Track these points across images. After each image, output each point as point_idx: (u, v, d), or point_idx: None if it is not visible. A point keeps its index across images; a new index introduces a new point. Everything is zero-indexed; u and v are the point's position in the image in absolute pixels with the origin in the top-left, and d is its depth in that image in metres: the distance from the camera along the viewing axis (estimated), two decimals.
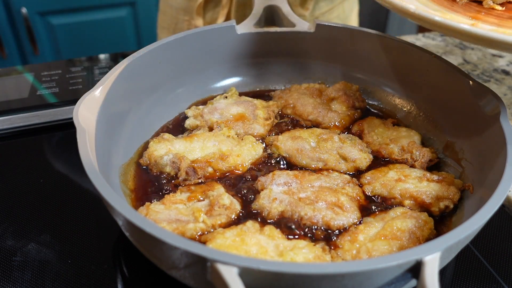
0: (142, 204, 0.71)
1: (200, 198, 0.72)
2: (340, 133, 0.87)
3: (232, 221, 0.69)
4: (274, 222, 0.69)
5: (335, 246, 0.65)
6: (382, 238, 0.65)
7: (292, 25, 0.98)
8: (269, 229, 0.65)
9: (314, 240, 0.66)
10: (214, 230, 0.66)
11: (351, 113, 0.93)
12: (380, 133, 0.87)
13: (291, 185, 0.74)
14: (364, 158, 0.81)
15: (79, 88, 1.07)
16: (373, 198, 0.75)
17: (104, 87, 0.75)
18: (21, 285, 0.68)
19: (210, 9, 1.40)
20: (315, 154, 0.81)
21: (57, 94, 1.05)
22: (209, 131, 0.86)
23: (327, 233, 0.68)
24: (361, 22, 1.67)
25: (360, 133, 0.89)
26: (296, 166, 0.81)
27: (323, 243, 0.66)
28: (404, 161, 0.81)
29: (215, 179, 0.77)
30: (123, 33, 2.54)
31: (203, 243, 0.63)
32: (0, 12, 2.25)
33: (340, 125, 0.91)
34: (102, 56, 1.22)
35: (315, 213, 0.69)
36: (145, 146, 0.84)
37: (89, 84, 1.08)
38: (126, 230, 0.61)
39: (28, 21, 2.29)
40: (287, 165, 0.82)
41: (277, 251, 0.61)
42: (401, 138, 0.85)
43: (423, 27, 0.74)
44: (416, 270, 0.50)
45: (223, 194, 0.72)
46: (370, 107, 0.98)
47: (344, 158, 0.81)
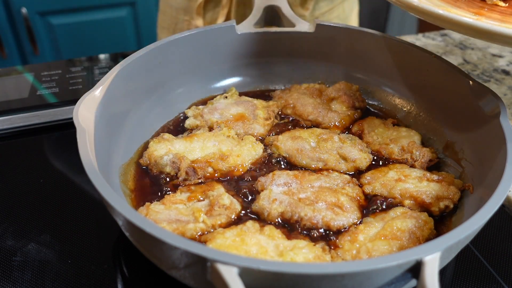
0: (142, 204, 0.71)
1: (200, 198, 0.72)
2: (340, 133, 0.87)
3: (232, 221, 0.69)
4: (274, 223, 0.69)
5: (335, 246, 0.65)
6: (382, 238, 0.65)
7: (292, 25, 0.98)
8: (269, 229, 0.65)
9: (314, 240, 0.66)
10: (214, 230, 0.66)
11: (351, 113, 0.93)
12: (380, 133, 0.87)
13: (291, 186, 0.74)
14: (364, 158, 0.81)
15: (79, 88, 1.07)
16: (373, 198, 0.75)
17: (104, 87, 0.75)
18: (21, 285, 0.68)
19: (210, 9, 1.40)
20: (315, 154, 0.81)
21: (57, 94, 1.05)
22: (209, 131, 0.86)
23: (327, 233, 0.68)
24: (361, 22, 1.67)
25: (360, 133, 0.89)
26: (296, 166, 0.81)
27: (323, 243, 0.66)
28: (404, 161, 0.82)
29: (215, 179, 0.77)
30: (123, 33, 2.54)
31: (203, 243, 0.63)
32: (0, 12, 2.25)
33: (340, 125, 0.91)
34: (102, 56, 1.22)
35: (315, 214, 0.69)
36: (145, 146, 0.84)
37: (89, 84, 1.08)
38: (126, 230, 0.61)
39: (28, 21, 2.29)
40: (287, 165, 0.82)
41: (277, 251, 0.61)
42: (401, 138, 0.85)
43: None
44: (416, 270, 0.50)
45: (223, 194, 0.72)
46: (370, 107, 0.98)
47: (344, 158, 0.81)
